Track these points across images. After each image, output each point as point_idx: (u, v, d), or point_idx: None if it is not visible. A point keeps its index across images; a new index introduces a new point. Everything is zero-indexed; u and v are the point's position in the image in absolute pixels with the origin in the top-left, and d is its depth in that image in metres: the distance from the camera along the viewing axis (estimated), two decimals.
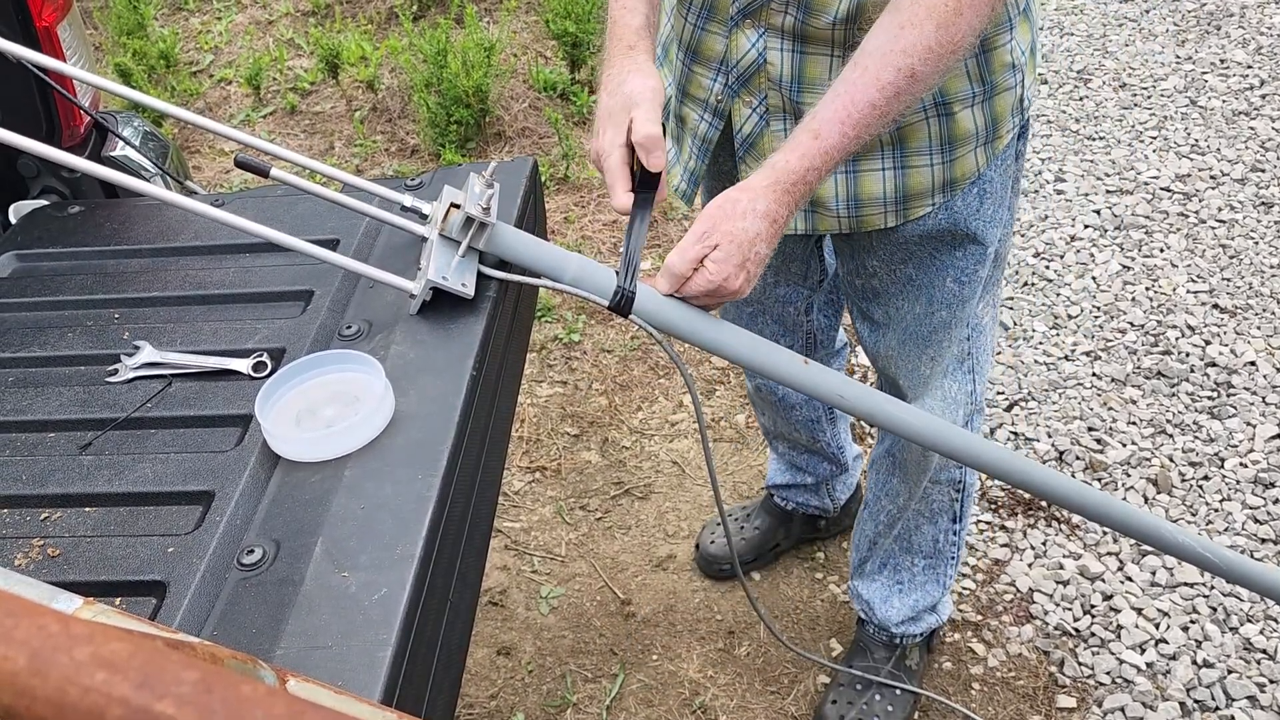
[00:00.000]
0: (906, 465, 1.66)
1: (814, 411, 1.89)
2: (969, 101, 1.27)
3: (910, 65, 1.06)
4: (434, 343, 1.12)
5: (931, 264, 1.41)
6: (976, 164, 1.32)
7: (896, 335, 1.50)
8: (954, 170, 1.31)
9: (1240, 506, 2.16)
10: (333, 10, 4.06)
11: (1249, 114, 3.31)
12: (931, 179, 1.31)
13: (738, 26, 1.26)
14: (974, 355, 1.55)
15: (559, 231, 2.99)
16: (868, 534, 1.81)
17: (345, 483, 0.98)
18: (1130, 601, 2.01)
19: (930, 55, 1.06)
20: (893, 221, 1.34)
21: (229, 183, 3.30)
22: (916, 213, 1.34)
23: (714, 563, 2.09)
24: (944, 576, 1.81)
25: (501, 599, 2.09)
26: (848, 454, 2.04)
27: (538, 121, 3.40)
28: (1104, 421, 2.37)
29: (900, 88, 1.07)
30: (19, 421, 1.15)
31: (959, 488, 1.71)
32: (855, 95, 1.07)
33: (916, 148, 1.29)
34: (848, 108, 1.07)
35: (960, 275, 1.41)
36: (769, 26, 1.24)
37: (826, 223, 1.38)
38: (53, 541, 0.99)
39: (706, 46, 1.32)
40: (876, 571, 1.83)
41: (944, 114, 1.27)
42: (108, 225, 1.49)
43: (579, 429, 2.44)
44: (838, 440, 1.98)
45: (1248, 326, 2.57)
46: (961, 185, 1.33)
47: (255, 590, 0.90)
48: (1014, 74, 1.29)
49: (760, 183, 1.10)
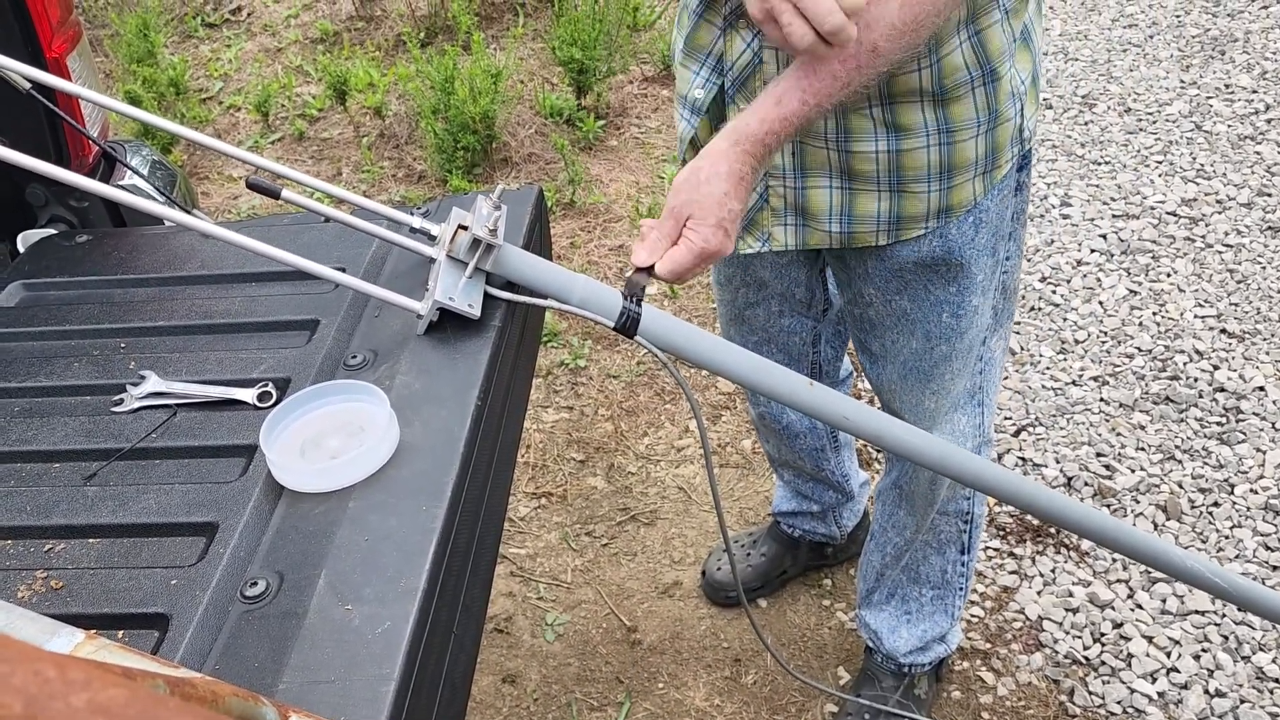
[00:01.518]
0: (914, 498, 1.65)
1: (818, 440, 1.88)
2: (975, 130, 1.27)
3: (873, 40, 1.07)
4: (439, 372, 1.12)
5: (926, 297, 1.40)
6: (973, 192, 1.32)
7: (896, 369, 1.50)
8: (950, 197, 1.32)
9: (1251, 533, 2.14)
10: (341, 38, 4.09)
11: (1254, 139, 3.31)
12: (927, 205, 1.32)
13: (733, 27, 1.26)
14: (984, 389, 1.55)
15: (565, 256, 3.00)
16: (875, 565, 1.80)
17: (349, 514, 0.97)
18: (1141, 629, 1.99)
19: (893, 32, 1.07)
20: (884, 240, 1.35)
21: (237, 208, 3.32)
22: (909, 234, 1.34)
23: (720, 590, 2.07)
24: (952, 607, 1.80)
25: (507, 626, 2.08)
26: (853, 482, 2.03)
27: (544, 147, 3.42)
28: (1112, 447, 2.36)
29: (862, 61, 1.08)
30: (24, 451, 1.15)
31: (967, 519, 1.69)
32: (819, 65, 1.09)
33: (915, 175, 1.29)
34: (809, 76, 1.09)
35: (956, 310, 1.41)
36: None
37: (817, 237, 1.38)
38: (56, 574, 0.99)
39: (698, 35, 1.31)
40: (884, 601, 1.81)
41: (947, 142, 1.27)
42: (115, 254, 1.49)
43: (585, 455, 2.44)
44: (843, 468, 1.97)
45: (1256, 351, 2.56)
46: (957, 212, 1.33)
47: (258, 623, 0.90)
48: (1014, 103, 1.29)
49: (720, 144, 1.13)
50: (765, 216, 1.39)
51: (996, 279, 1.44)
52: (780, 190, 1.36)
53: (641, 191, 3.25)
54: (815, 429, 1.87)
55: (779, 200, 1.37)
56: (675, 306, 2.83)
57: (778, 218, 1.39)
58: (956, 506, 1.67)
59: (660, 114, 3.66)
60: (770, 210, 1.38)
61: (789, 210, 1.37)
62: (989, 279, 1.41)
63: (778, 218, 1.39)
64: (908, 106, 1.25)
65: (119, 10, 4.18)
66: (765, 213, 1.39)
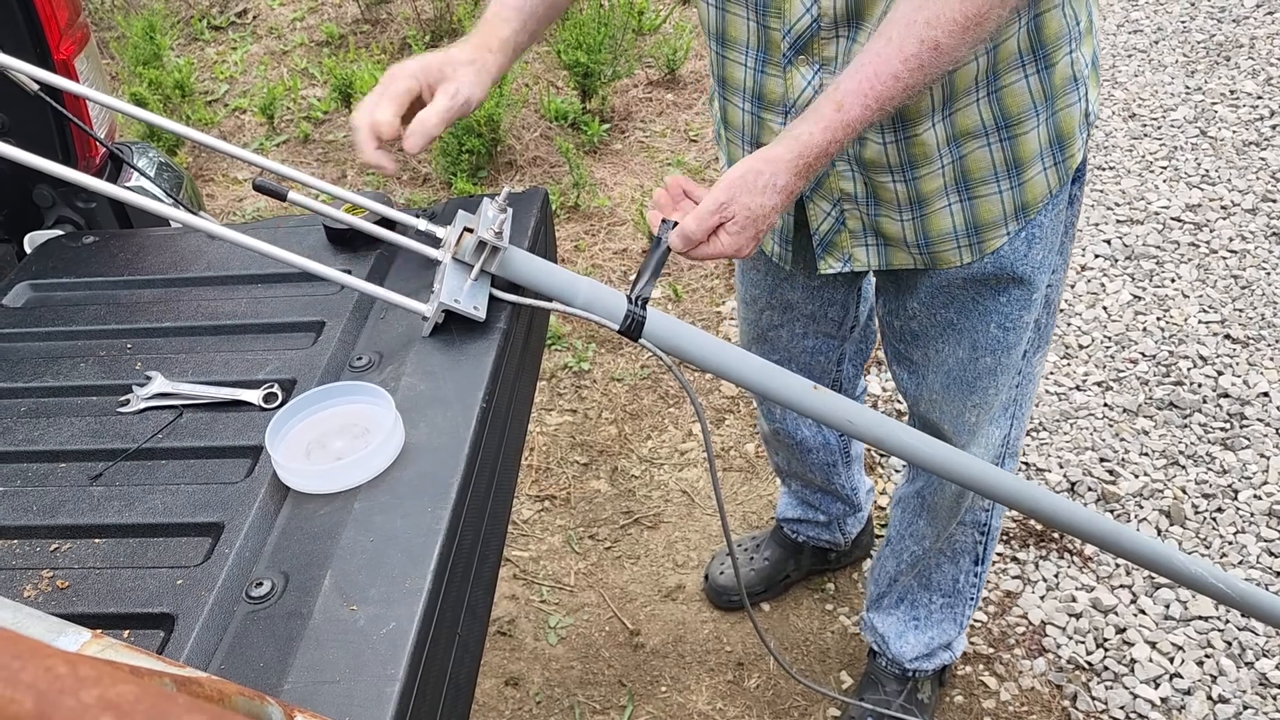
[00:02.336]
0: (936, 509, 1.64)
1: (830, 456, 1.87)
2: (1035, 120, 1.23)
3: (934, 37, 1.03)
4: (444, 374, 1.12)
5: (975, 308, 1.37)
6: (1048, 185, 1.28)
7: (939, 379, 1.46)
8: (1025, 194, 1.27)
9: (1254, 539, 2.14)
10: (347, 40, 4.10)
11: (1259, 144, 3.31)
12: (1002, 206, 1.28)
13: (791, 64, 1.22)
14: (1019, 402, 1.52)
15: (569, 259, 3.00)
16: (888, 571, 1.79)
17: (354, 515, 0.97)
18: (1144, 635, 1.99)
19: (955, 27, 1.03)
20: (969, 257, 1.31)
21: (242, 210, 3.32)
22: (993, 244, 1.30)
23: (723, 594, 2.07)
24: (961, 616, 1.79)
25: (510, 629, 2.08)
26: (861, 495, 2.02)
27: (549, 151, 3.42)
28: (1116, 452, 2.35)
29: (924, 60, 1.05)
30: (31, 452, 1.15)
31: (984, 530, 1.68)
32: (879, 67, 1.05)
33: (981, 177, 1.26)
34: (871, 80, 1.06)
35: (1005, 321, 1.38)
36: (823, 61, 1.20)
37: (900, 257, 1.35)
38: (62, 573, 0.99)
39: (769, 90, 1.28)
40: (894, 606, 1.81)
41: (1007, 137, 1.24)
42: (121, 256, 1.50)
43: (588, 458, 2.44)
44: (852, 483, 1.96)
45: (1260, 357, 2.56)
46: (1035, 208, 1.28)
47: (263, 623, 0.90)
48: (1077, 88, 1.25)
49: (784, 154, 1.09)
50: (844, 238, 1.36)
51: (1043, 293, 1.40)
52: (856, 213, 1.33)
53: (646, 195, 3.26)
54: (828, 444, 1.86)
55: (856, 222, 1.34)
56: (679, 310, 2.84)
57: (857, 239, 1.36)
58: (974, 517, 1.66)
59: (665, 118, 3.66)
60: (849, 232, 1.35)
61: (868, 231, 1.35)
62: (1040, 294, 1.38)
63: (857, 239, 1.36)
64: (964, 112, 1.21)
65: (125, 13, 4.19)
66: (844, 234, 1.36)
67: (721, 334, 2.74)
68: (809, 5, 1.16)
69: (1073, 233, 1.41)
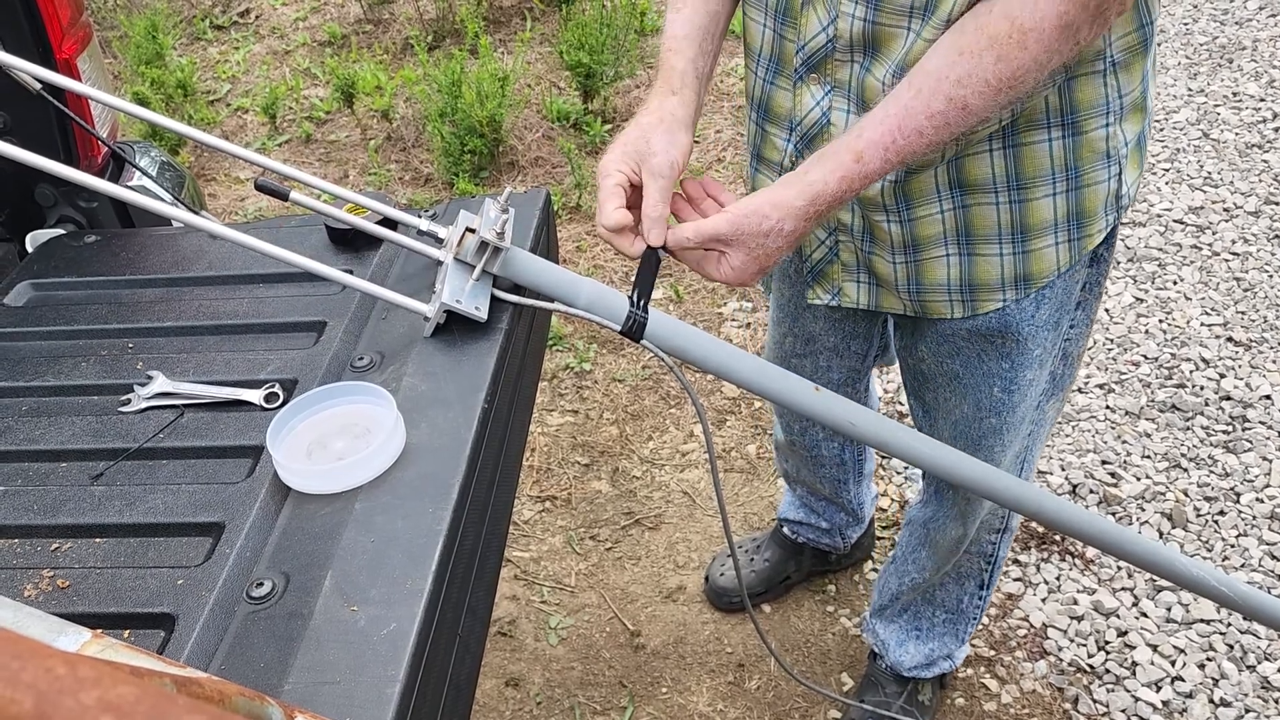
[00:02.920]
0: (937, 545, 1.63)
1: (843, 472, 1.86)
2: (1049, 188, 1.16)
3: (963, 97, 0.99)
4: (446, 374, 1.12)
5: (979, 367, 1.33)
6: (1056, 261, 1.21)
7: (948, 428, 1.43)
8: (1028, 264, 1.21)
9: (1257, 542, 2.14)
10: (349, 41, 4.10)
11: (1262, 147, 3.31)
12: (1001, 270, 1.21)
13: (803, 81, 1.18)
14: (1029, 448, 1.48)
15: (571, 260, 3.00)
16: (891, 587, 1.79)
17: (355, 516, 0.97)
18: (1145, 638, 1.99)
19: (987, 89, 0.98)
20: (959, 313, 1.26)
21: (244, 210, 3.33)
22: (986, 306, 1.25)
23: (723, 595, 2.07)
24: (963, 632, 1.79)
25: (510, 629, 2.08)
26: (867, 510, 2.01)
27: (551, 151, 3.42)
28: (1118, 455, 2.35)
29: (950, 119, 1.01)
30: (32, 451, 1.15)
31: (990, 560, 1.67)
32: (904, 121, 1.02)
33: (985, 235, 1.19)
34: (893, 134, 1.02)
35: (1008, 385, 1.33)
36: (835, 84, 1.16)
37: (890, 301, 1.31)
38: (62, 573, 0.99)
39: (777, 103, 1.24)
40: (896, 615, 1.81)
41: (1018, 199, 1.17)
42: (123, 255, 1.50)
43: (589, 458, 2.44)
44: (860, 497, 1.96)
45: (1262, 360, 2.56)
46: (1038, 282, 1.22)
47: (264, 624, 0.90)
48: (1108, 165, 1.17)
49: (795, 200, 1.06)
50: (836, 270, 1.33)
51: (1057, 349, 1.34)
52: (851, 246, 1.29)
53: None
54: (844, 461, 1.84)
55: (850, 255, 1.30)
56: (681, 310, 2.83)
57: (849, 273, 1.32)
58: (980, 548, 1.64)
59: None
60: (841, 264, 1.32)
61: (860, 268, 1.31)
62: (1047, 353, 1.32)
63: (849, 273, 1.32)
64: (974, 159, 1.15)
65: (128, 12, 4.19)
66: (835, 266, 1.32)
67: (723, 335, 2.74)
68: (825, 24, 1.12)
69: (1099, 290, 1.32)
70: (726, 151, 3.45)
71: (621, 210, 1.11)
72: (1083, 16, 0.95)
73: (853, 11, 1.09)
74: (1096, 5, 0.95)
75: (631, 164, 1.13)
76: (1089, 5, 0.95)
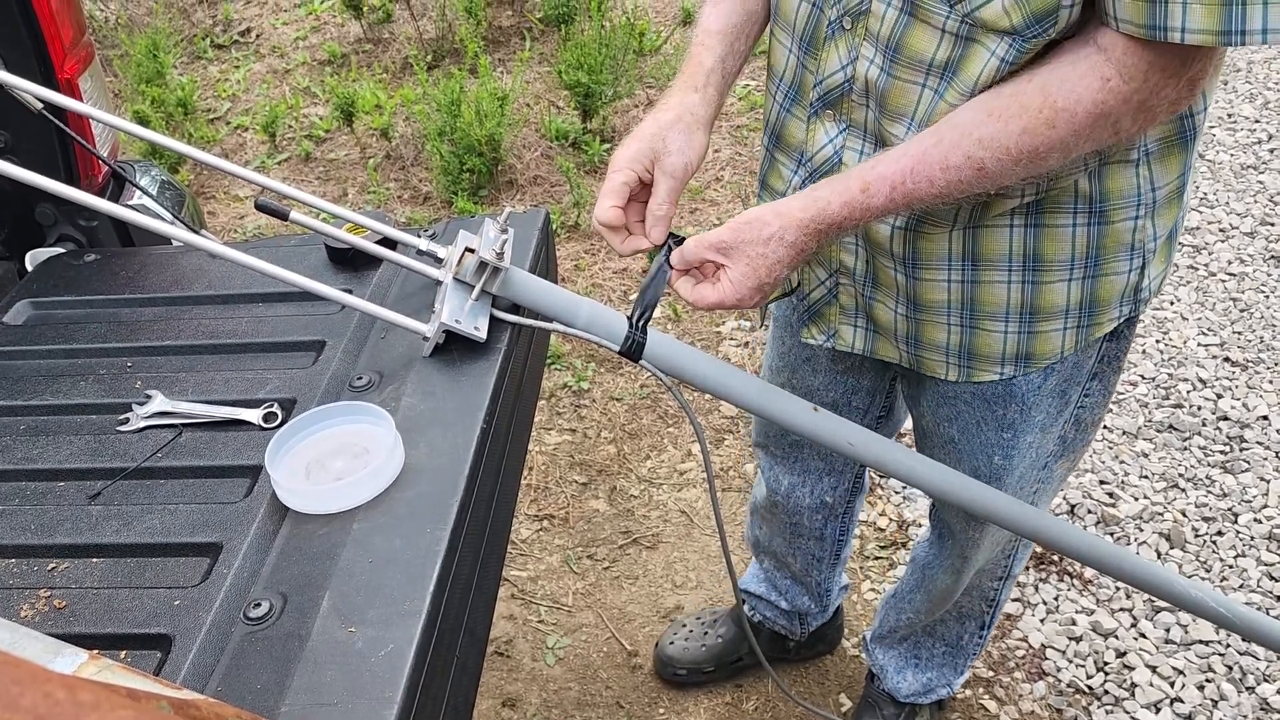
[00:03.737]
0: (931, 592, 1.62)
1: (820, 548, 1.76)
2: (1066, 274, 1.12)
3: (981, 159, 0.96)
4: (445, 394, 1.12)
5: (976, 435, 1.30)
6: (1061, 345, 1.18)
7: None
8: (1032, 344, 1.18)
9: (1255, 563, 2.13)
10: (349, 60, 4.12)
11: (1257, 168, 3.33)
12: (1003, 346, 1.18)
13: (817, 116, 1.15)
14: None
15: (570, 279, 3.01)
16: (890, 620, 1.77)
17: (354, 536, 0.97)
18: (1144, 659, 1.98)
19: (1006, 157, 0.96)
20: (954, 375, 1.23)
21: (242, 228, 3.33)
22: (982, 376, 1.21)
23: (670, 665, 1.96)
24: (962, 665, 1.78)
25: (507, 649, 2.07)
26: (833, 600, 1.90)
27: (549, 170, 3.44)
28: (1115, 475, 2.35)
29: (965, 177, 0.98)
30: (29, 470, 1.15)
31: (992, 604, 1.65)
32: (918, 166, 0.99)
33: (991, 312, 1.16)
34: (904, 175, 1.00)
35: (1008, 452, 1.30)
36: (851, 123, 1.12)
37: (886, 349, 1.28)
38: (59, 593, 0.99)
39: (789, 131, 1.21)
40: (896, 644, 1.80)
41: (1031, 280, 1.13)
42: (122, 274, 1.50)
43: (587, 477, 2.44)
44: (828, 583, 1.84)
45: (1259, 380, 2.56)
46: (1039, 363, 1.19)
47: (261, 645, 0.90)
48: (1131, 258, 1.12)
49: (798, 212, 1.04)
50: (833, 312, 1.29)
51: (1067, 415, 1.30)
52: (851, 290, 1.25)
53: None
54: (823, 536, 1.74)
55: (849, 299, 1.26)
56: (679, 330, 2.84)
57: (847, 316, 1.28)
58: (982, 592, 1.62)
59: None
60: (839, 307, 1.28)
61: (859, 312, 1.27)
62: (1051, 420, 1.28)
63: (847, 316, 1.28)
64: (993, 232, 1.11)
65: (129, 31, 4.21)
66: (834, 308, 1.28)
67: (721, 354, 2.74)
68: (844, 63, 1.09)
69: (1119, 364, 1.27)
70: (725, 170, 3.47)
71: (615, 210, 1.13)
72: (1123, 109, 0.92)
73: (871, 57, 1.06)
74: (1141, 101, 0.92)
75: (645, 162, 1.13)
76: (1131, 100, 0.92)
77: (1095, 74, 0.92)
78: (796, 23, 1.14)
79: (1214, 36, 0.86)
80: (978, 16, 0.95)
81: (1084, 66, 0.92)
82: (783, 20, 1.16)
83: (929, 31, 0.99)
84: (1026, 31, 0.94)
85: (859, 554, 2.23)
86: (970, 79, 0.99)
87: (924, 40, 1.00)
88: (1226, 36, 0.85)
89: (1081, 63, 0.92)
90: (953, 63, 0.99)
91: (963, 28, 0.97)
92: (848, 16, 1.07)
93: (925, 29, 1.00)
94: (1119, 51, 0.90)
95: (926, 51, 1.00)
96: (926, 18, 0.99)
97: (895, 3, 1.01)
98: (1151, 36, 0.88)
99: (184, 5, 4.51)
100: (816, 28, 1.11)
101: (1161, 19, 0.86)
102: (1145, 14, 0.87)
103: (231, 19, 4.46)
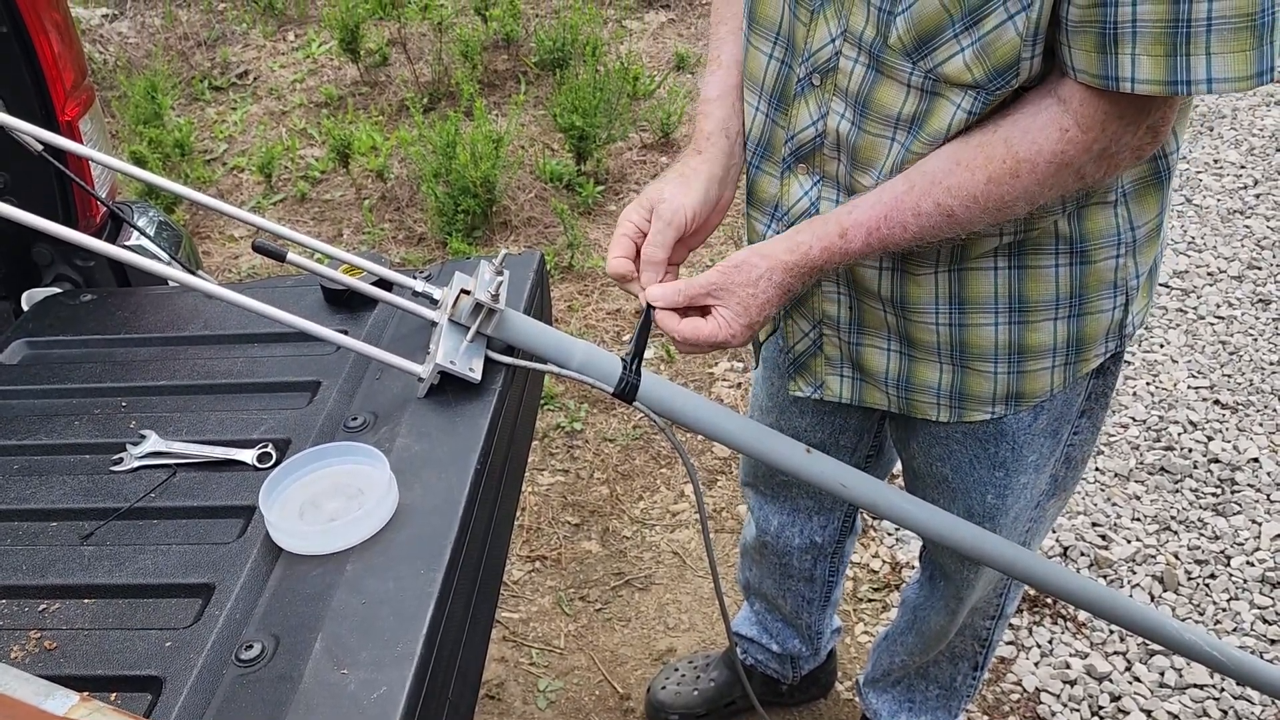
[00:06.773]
0: (924, 633, 1.62)
1: (811, 589, 1.75)
2: (1052, 313, 1.15)
3: (950, 206, 1.00)
4: (439, 435, 1.13)
5: (969, 474, 1.31)
6: (1050, 383, 1.20)
7: None
8: (1022, 383, 1.19)
9: (1248, 606, 2.13)
10: (345, 102, 4.16)
11: (1243, 212, 3.37)
12: (994, 386, 1.20)
13: (790, 171, 1.18)
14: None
15: (563, 319, 3.02)
16: (884, 663, 1.76)
17: (347, 577, 0.97)
18: (1139, 703, 1.97)
19: (974, 204, 0.99)
20: (945, 416, 1.24)
21: (237, 268, 3.34)
22: (973, 416, 1.23)
23: (662, 710, 1.94)
24: (955, 708, 1.76)
25: (498, 692, 2.05)
26: (825, 643, 1.90)
27: (543, 211, 3.46)
28: (1108, 517, 2.35)
29: (936, 223, 1.02)
30: (22, 510, 1.15)
31: (984, 644, 1.65)
32: (891, 212, 1.03)
33: (980, 353, 1.18)
34: (879, 221, 1.03)
35: (1001, 491, 1.31)
36: (824, 175, 1.15)
37: (874, 395, 1.29)
38: (50, 634, 0.98)
39: (760, 188, 1.23)
40: (889, 687, 1.79)
41: (1018, 321, 1.15)
42: (119, 314, 1.50)
43: (580, 518, 2.43)
44: (819, 625, 1.84)
45: (1249, 423, 2.57)
46: (1029, 401, 1.21)
47: (253, 687, 0.89)
48: (1114, 296, 1.15)
49: (782, 255, 1.08)
50: (819, 363, 1.30)
51: (1059, 453, 1.31)
52: (835, 340, 1.27)
53: None
54: (813, 577, 1.73)
55: (834, 349, 1.28)
56: (672, 370, 2.85)
57: (833, 367, 1.30)
58: (975, 632, 1.62)
59: None
60: (824, 358, 1.29)
61: (844, 362, 1.28)
62: (1044, 459, 1.30)
63: (833, 367, 1.30)
64: (978, 275, 1.13)
65: (128, 73, 4.25)
66: (819, 359, 1.30)
67: (714, 395, 2.75)
68: (815, 119, 1.12)
69: (1106, 401, 1.30)
70: None
71: (620, 260, 1.16)
72: (1084, 158, 0.95)
73: (841, 111, 1.09)
74: (1101, 150, 0.95)
75: (644, 213, 1.17)
76: (1091, 148, 0.94)
77: (1054, 125, 0.95)
78: (765, 80, 1.17)
79: (1161, 86, 0.89)
80: (940, 72, 0.98)
81: (1044, 118, 0.96)
82: (750, 81, 1.20)
83: (895, 87, 1.02)
84: (989, 85, 0.97)
85: (852, 596, 2.22)
86: (937, 131, 1.02)
87: (891, 95, 1.03)
88: (1174, 86, 0.88)
89: (1042, 114, 0.96)
90: (919, 116, 1.02)
91: (927, 82, 1.00)
92: (816, 74, 1.10)
93: (892, 84, 1.03)
94: (1076, 103, 0.94)
95: (894, 106, 1.03)
96: (892, 74, 1.02)
97: (862, 59, 1.04)
98: (1105, 86, 0.91)
99: (183, 48, 4.55)
100: (786, 85, 1.15)
101: (1113, 69, 0.90)
102: (1098, 65, 0.90)
103: (230, 61, 4.50)
